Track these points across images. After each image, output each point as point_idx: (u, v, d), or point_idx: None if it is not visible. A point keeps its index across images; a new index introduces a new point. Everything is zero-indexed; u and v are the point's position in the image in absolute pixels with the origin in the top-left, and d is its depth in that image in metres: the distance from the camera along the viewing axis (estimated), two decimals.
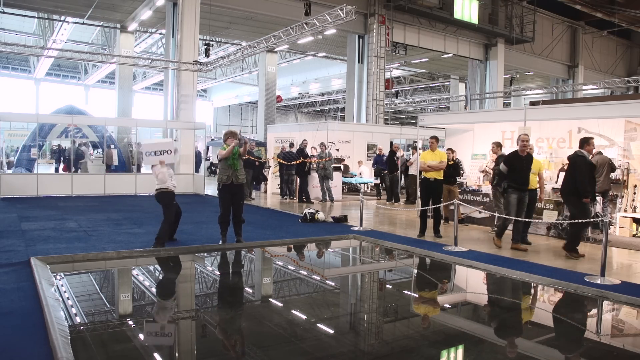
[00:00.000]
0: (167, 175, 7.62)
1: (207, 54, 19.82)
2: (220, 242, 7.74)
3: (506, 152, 9.59)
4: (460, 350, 4.10)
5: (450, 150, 10.65)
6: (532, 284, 6.12)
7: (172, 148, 7.96)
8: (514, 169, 7.73)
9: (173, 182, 7.74)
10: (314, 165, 14.25)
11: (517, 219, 7.60)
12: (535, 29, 25.56)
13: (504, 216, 7.79)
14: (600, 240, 6.76)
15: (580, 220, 6.88)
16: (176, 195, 7.77)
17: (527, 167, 7.83)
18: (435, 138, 9.26)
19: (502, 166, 7.88)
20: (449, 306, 5.65)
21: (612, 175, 8.93)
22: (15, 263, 6.22)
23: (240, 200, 7.75)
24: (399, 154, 15.58)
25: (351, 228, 9.62)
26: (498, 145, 9.65)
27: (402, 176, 15.66)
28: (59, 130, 19.86)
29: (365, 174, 16.92)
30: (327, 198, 14.35)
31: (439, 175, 8.90)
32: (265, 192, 17.29)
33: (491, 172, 10.19)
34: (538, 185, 8.41)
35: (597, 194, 8.08)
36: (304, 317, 4.92)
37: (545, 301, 5.85)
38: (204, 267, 7.35)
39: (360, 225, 9.66)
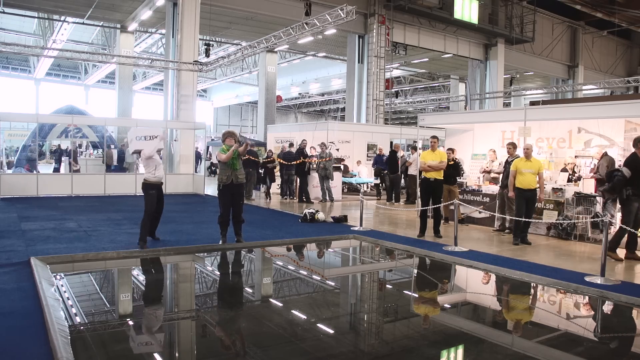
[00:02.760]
0: (145, 159, 7.39)
1: (207, 54, 19.82)
2: (220, 242, 7.73)
3: (504, 152, 9.62)
4: (460, 350, 4.10)
5: (451, 150, 10.64)
6: (532, 284, 6.12)
7: (159, 133, 7.86)
8: (637, 175, 6.99)
9: (157, 172, 7.55)
10: (314, 165, 14.25)
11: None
12: (535, 29, 25.54)
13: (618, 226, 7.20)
14: (600, 240, 6.76)
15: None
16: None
17: None
18: (436, 138, 9.23)
19: (625, 170, 7.06)
20: (449, 306, 5.65)
21: None
22: (15, 263, 6.21)
23: (240, 200, 7.74)
24: (400, 154, 15.58)
25: (351, 228, 9.62)
26: (514, 146, 9.29)
27: (402, 176, 15.64)
28: (59, 130, 19.86)
29: (364, 174, 16.92)
30: (327, 198, 14.34)
31: (439, 175, 8.89)
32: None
33: (496, 173, 10.18)
34: (538, 185, 8.40)
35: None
36: (304, 317, 4.92)
37: (545, 301, 5.85)
38: (204, 267, 7.35)
39: (360, 225, 9.66)
